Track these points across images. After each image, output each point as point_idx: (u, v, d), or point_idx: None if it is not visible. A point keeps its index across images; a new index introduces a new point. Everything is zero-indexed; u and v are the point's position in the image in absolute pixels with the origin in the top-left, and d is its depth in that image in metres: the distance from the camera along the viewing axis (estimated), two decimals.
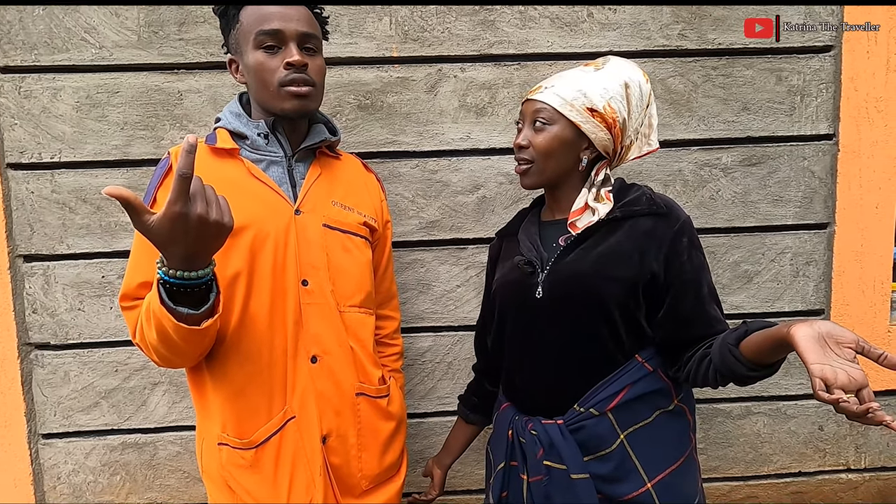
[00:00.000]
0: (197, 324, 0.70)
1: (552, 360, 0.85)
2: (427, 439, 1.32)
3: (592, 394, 0.82)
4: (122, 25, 1.17)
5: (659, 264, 0.80)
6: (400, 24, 1.20)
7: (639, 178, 1.26)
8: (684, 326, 0.81)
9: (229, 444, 0.84)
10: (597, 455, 0.81)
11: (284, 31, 0.81)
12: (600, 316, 0.81)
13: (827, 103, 1.26)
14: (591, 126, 0.82)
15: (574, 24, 1.21)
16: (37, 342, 1.24)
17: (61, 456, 1.28)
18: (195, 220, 0.61)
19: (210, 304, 0.70)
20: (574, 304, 0.82)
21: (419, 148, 1.23)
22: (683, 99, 1.25)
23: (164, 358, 0.78)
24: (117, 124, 1.19)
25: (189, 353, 0.77)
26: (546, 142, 0.82)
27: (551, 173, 0.85)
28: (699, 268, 0.81)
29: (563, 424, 0.82)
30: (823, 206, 1.29)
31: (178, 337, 0.71)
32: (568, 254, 0.84)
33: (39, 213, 1.21)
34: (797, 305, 1.32)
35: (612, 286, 0.80)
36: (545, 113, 0.83)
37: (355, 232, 0.92)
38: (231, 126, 0.87)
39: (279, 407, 0.84)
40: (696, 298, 0.80)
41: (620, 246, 0.81)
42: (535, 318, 0.85)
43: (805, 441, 1.36)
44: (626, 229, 0.82)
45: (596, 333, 0.81)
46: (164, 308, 0.68)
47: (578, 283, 0.81)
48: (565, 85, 0.83)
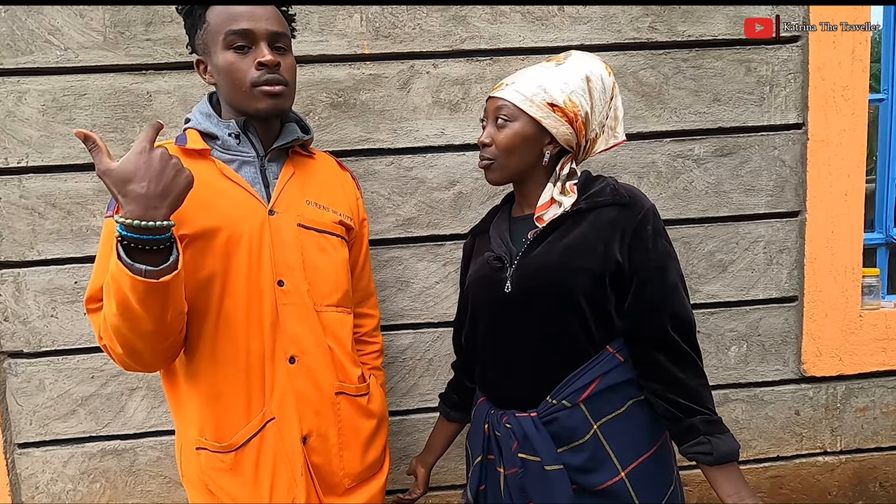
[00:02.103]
0: (156, 278, 0.66)
1: (523, 353, 0.85)
2: (410, 436, 1.32)
3: (564, 385, 0.82)
4: (88, 26, 1.15)
5: (623, 254, 0.81)
6: (371, 20, 1.19)
7: (612, 170, 1.27)
8: (648, 314, 0.81)
9: (208, 448, 0.83)
10: (570, 446, 0.82)
11: (255, 31, 0.81)
12: (569, 308, 0.81)
13: (795, 93, 1.28)
14: (551, 121, 0.82)
15: (545, 19, 1.22)
16: (9, 350, 1.22)
17: (39, 465, 1.26)
18: (158, 155, 0.66)
19: (171, 260, 0.68)
20: (542, 297, 0.82)
21: (394, 145, 1.23)
22: (655, 91, 1.26)
23: (127, 343, 0.72)
24: (85, 127, 1.17)
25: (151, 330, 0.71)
26: (507, 138, 0.83)
27: (514, 169, 0.86)
28: (664, 255, 0.82)
29: (537, 417, 0.83)
30: (794, 194, 1.31)
31: (136, 298, 0.66)
32: (535, 247, 0.84)
33: (8, 219, 1.18)
34: (771, 293, 1.34)
35: (579, 277, 0.80)
36: (506, 110, 0.83)
37: (331, 231, 0.91)
38: (201, 126, 0.86)
39: (258, 409, 0.84)
40: (661, 285, 0.81)
41: (585, 237, 0.81)
42: (505, 313, 0.86)
43: (782, 426, 1.39)
44: (591, 220, 0.82)
45: (566, 326, 0.82)
46: (120, 264, 0.65)
47: (545, 276, 0.82)
48: (526, 81, 0.83)
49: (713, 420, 0.79)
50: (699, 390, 0.80)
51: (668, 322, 0.80)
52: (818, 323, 1.34)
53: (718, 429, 0.78)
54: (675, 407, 0.79)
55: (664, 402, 0.80)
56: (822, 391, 1.38)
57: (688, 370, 0.80)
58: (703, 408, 0.79)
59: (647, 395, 0.82)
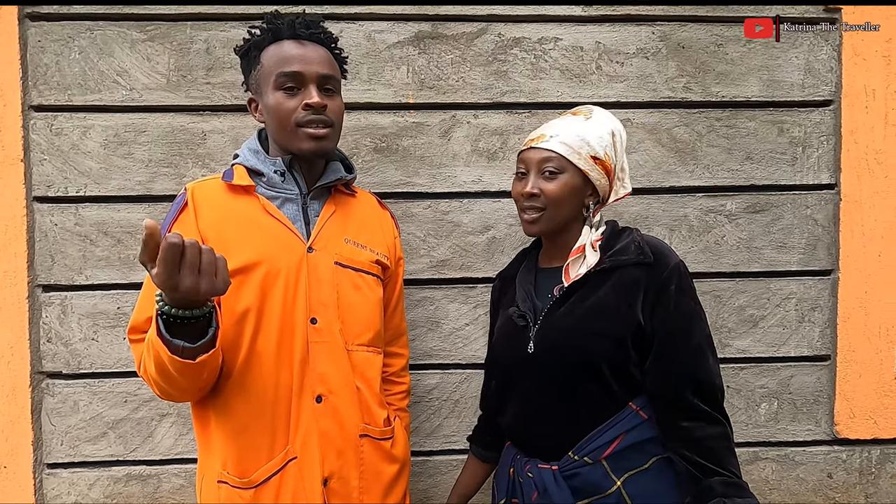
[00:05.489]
0: (192, 358, 0.69)
1: (545, 409, 0.86)
2: (432, 478, 1.31)
3: (587, 442, 0.83)
4: (153, 69, 1.23)
5: (645, 314, 0.81)
6: (417, 72, 1.26)
7: (645, 222, 1.29)
8: (667, 378, 0.80)
9: (229, 483, 0.83)
10: (592, 499, 0.81)
11: (304, 73, 0.84)
12: (589, 371, 0.82)
13: (828, 154, 1.30)
14: (595, 174, 0.86)
15: (583, 76, 1.27)
16: (49, 371, 1.26)
17: (65, 486, 1.27)
18: (183, 291, 0.63)
19: (208, 337, 0.70)
20: (563, 360, 0.83)
21: (432, 189, 1.27)
22: (689, 147, 1.29)
23: (164, 391, 0.78)
24: (142, 161, 1.23)
25: (186, 388, 0.77)
26: (558, 189, 0.85)
27: (561, 220, 0.88)
28: (687, 316, 0.81)
29: (558, 471, 0.83)
30: (827, 253, 1.31)
31: (174, 370, 0.70)
32: (558, 307, 0.86)
33: (61, 244, 1.24)
34: (803, 350, 1.32)
35: (600, 342, 0.81)
36: (555, 161, 0.85)
37: (367, 270, 0.93)
38: (248, 163, 0.89)
39: (281, 447, 0.84)
40: (683, 348, 0.80)
41: (608, 298, 0.82)
42: (527, 371, 0.87)
43: (814, 489, 1.34)
44: (614, 281, 0.83)
45: (585, 387, 0.83)
46: (160, 339, 0.68)
47: (567, 340, 0.83)
48: (568, 134, 0.86)
49: (734, 483, 0.76)
50: (720, 451, 0.78)
51: (689, 387, 0.79)
52: (852, 383, 1.32)
53: (738, 492, 0.75)
54: (694, 466, 0.77)
55: (683, 461, 0.79)
56: (856, 454, 1.34)
57: (708, 430, 0.78)
58: (724, 469, 0.77)
59: (670, 452, 0.81)
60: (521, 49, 1.27)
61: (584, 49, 1.27)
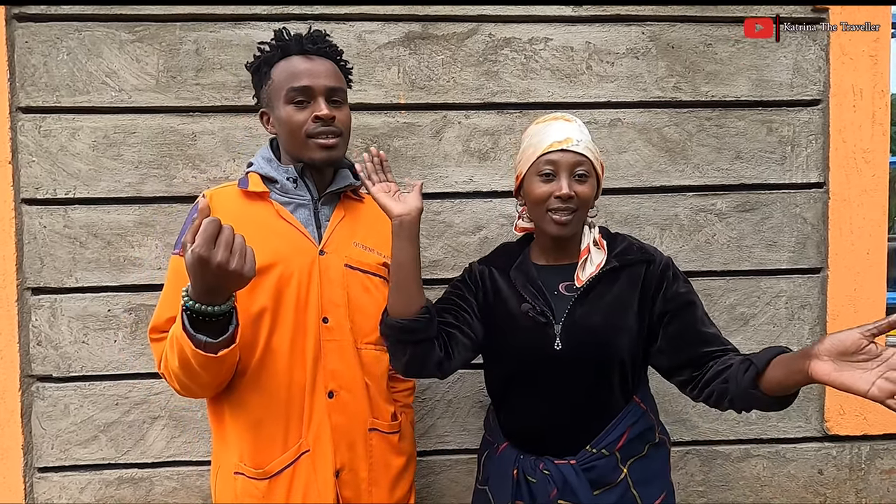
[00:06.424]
0: (214, 352, 0.74)
1: (564, 406, 0.89)
2: (426, 478, 1.31)
3: (604, 436, 0.88)
4: (143, 70, 1.22)
5: (655, 302, 0.88)
6: (408, 73, 1.25)
7: (636, 221, 1.30)
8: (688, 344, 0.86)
9: (245, 474, 0.87)
10: (604, 488, 0.88)
11: (313, 87, 0.88)
12: (615, 365, 0.88)
13: (816, 153, 1.31)
14: (602, 178, 0.93)
15: (574, 76, 1.27)
16: (39, 374, 1.25)
17: (56, 490, 1.27)
18: (215, 266, 0.67)
19: (229, 333, 0.74)
20: (591, 356, 0.88)
21: (424, 190, 1.26)
22: (679, 147, 1.30)
23: (185, 386, 0.82)
24: (132, 163, 1.23)
25: (207, 382, 0.81)
26: (590, 191, 0.89)
27: (583, 221, 0.93)
28: (688, 293, 0.90)
29: (577, 464, 0.87)
30: (816, 251, 1.32)
31: (197, 363, 0.75)
32: (579, 305, 0.89)
33: (50, 246, 1.23)
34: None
35: (622, 337, 0.87)
36: (586, 165, 0.88)
37: (374, 272, 0.97)
38: (263, 171, 0.93)
39: (295, 440, 0.88)
40: (694, 316, 0.88)
41: (623, 295, 0.89)
42: (553, 368, 0.89)
43: (805, 485, 1.36)
44: (625, 278, 0.89)
45: (609, 381, 0.88)
46: (185, 334, 0.73)
47: (594, 337, 0.88)
48: (586, 138, 0.90)
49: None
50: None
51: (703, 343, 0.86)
52: None
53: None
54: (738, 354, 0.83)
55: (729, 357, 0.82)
56: (846, 451, 1.36)
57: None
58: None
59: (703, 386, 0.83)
60: (512, 49, 1.27)
61: (575, 49, 1.27)
